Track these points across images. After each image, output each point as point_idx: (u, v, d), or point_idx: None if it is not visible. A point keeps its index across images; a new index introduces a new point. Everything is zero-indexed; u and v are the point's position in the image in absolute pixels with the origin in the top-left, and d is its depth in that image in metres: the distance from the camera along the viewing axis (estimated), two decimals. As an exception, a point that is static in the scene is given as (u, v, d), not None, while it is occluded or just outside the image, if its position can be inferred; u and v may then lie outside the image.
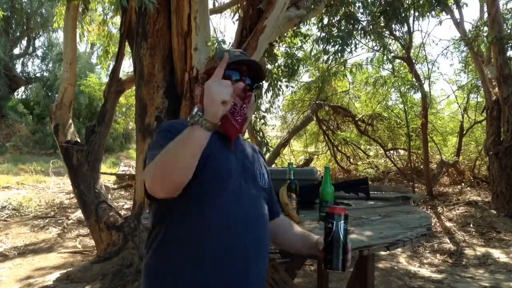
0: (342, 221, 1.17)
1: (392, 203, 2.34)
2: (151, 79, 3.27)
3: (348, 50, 3.66)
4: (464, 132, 7.76)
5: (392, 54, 6.55)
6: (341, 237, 1.17)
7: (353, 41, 3.82)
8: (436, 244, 4.61)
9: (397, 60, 7.30)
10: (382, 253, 4.12)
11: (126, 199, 7.00)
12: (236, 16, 4.62)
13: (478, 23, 6.52)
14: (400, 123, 8.27)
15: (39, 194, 7.32)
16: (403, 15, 4.28)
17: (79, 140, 4.23)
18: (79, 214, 5.46)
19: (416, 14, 5.34)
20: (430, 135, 7.72)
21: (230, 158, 1.18)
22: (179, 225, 1.10)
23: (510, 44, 5.54)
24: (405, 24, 5.55)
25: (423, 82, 6.87)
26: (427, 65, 7.64)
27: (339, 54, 3.65)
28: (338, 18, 4.09)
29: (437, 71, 14.72)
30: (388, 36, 6.19)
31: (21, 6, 16.16)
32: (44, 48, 17.78)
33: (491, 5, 5.69)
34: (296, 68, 4.70)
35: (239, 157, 1.22)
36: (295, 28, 4.16)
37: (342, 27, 3.95)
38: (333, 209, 1.18)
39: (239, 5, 4.68)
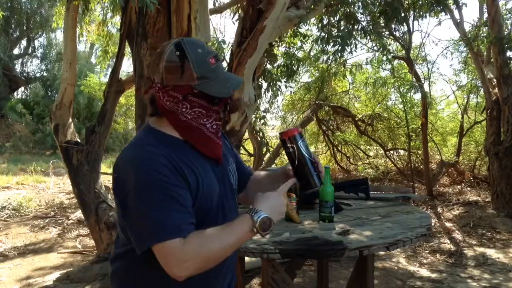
0: (300, 140, 1.16)
1: (392, 203, 2.34)
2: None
3: (348, 50, 3.66)
4: (464, 132, 7.76)
5: (392, 54, 6.55)
6: (306, 155, 1.15)
7: (353, 41, 3.82)
8: (436, 244, 4.61)
9: (397, 60, 7.30)
10: (382, 253, 4.12)
11: (126, 199, 6.97)
12: (236, 16, 4.62)
13: (478, 24, 6.51)
14: (400, 123, 8.27)
15: (39, 194, 7.31)
16: (403, 15, 4.28)
17: (79, 140, 4.23)
18: (79, 214, 5.46)
19: (416, 14, 5.34)
20: (430, 135, 7.72)
21: (215, 179, 1.13)
22: None
23: (510, 44, 5.54)
24: (405, 24, 5.55)
25: (423, 82, 6.87)
26: (427, 65, 7.65)
27: (339, 54, 3.65)
28: (337, 18, 4.09)
29: (437, 71, 14.73)
30: (387, 36, 6.19)
31: (21, 6, 16.15)
32: (44, 48, 17.79)
33: (490, 6, 5.69)
34: (295, 68, 4.70)
35: (214, 165, 1.16)
36: (294, 28, 4.16)
37: (342, 27, 3.95)
38: (287, 133, 1.16)
39: (239, 5, 4.68)
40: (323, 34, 3.85)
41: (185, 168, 1.03)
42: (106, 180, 8.00)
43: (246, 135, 6.03)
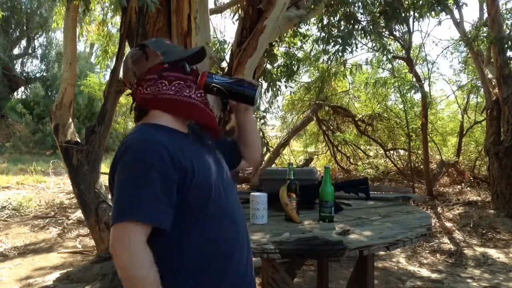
0: (213, 77, 1.21)
1: (392, 203, 2.34)
2: (151, 79, 3.26)
3: (349, 50, 3.66)
4: (464, 132, 7.76)
5: (392, 54, 6.54)
6: (226, 81, 1.22)
7: (354, 41, 3.82)
8: (436, 244, 4.61)
9: (397, 60, 7.30)
10: (382, 253, 4.12)
11: (126, 199, 6.97)
12: (236, 16, 4.62)
13: (478, 24, 6.51)
14: (400, 123, 8.27)
15: (39, 194, 7.31)
16: (403, 15, 4.27)
17: (79, 140, 4.22)
18: (79, 214, 5.46)
19: (416, 14, 5.33)
20: (430, 135, 7.72)
21: (211, 164, 1.14)
22: (180, 241, 1.07)
23: (510, 44, 5.53)
24: (405, 24, 5.55)
25: (423, 82, 6.87)
26: (427, 65, 7.65)
27: (340, 54, 3.64)
28: (337, 18, 4.09)
29: (437, 71, 14.74)
30: (387, 36, 6.19)
31: (20, 6, 16.16)
32: (44, 48, 17.79)
33: (491, 5, 5.69)
34: (295, 68, 4.69)
35: (212, 152, 1.20)
36: (295, 28, 4.16)
37: (342, 27, 3.95)
38: (200, 83, 1.19)
39: (239, 5, 4.68)
40: (323, 34, 3.85)
41: (180, 155, 1.04)
42: (106, 180, 8.01)
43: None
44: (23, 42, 17.81)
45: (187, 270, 1.05)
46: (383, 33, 5.27)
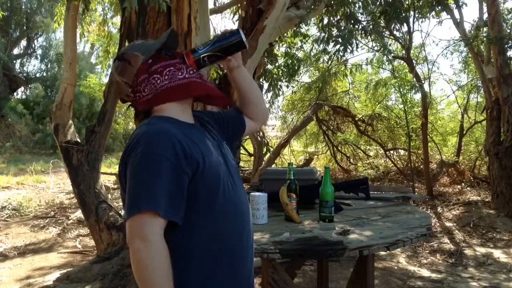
0: (197, 50, 1.20)
1: (392, 203, 2.34)
2: (151, 79, 3.26)
3: (350, 49, 3.66)
4: (464, 132, 7.76)
5: (392, 54, 6.55)
6: (211, 44, 1.21)
7: (355, 41, 3.82)
8: (436, 244, 4.61)
9: (397, 60, 7.30)
10: (382, 253, 4.12)
11: (126, 199, 6.96)
12: (236, 16, 4.62)
13: (478, 24, 6.51)
14: (400, 123, 8.27)
15: (39, 194, 7.31)
16: (404, 15, 4.28)
17: (79, 140, 4.22)
18: (79, 214, 5.46)
19: (417, 14, 5.34)
20: (430, 135, 7.72)
21: (219, 156, 1.15)
22: (189, 234, 1.06)
23: (510, 44, 5.53)
24: (405, 24, 5.55)
25: (423, 82, 6.87)
26: (427, 65, 7.65)
27: (341, 54, 3.65)
28: (338, 18, 4.09)
29: (437, 71, 14.74)
30: (388, 36, 6.19)
31: (20, 6, 16.16)
32: (44, 48, 17.79)
33: (491, 5, 5.69)
34: (296, 68, 4.70)
35: (219, 143, 1.20)
36: (295, 28, 4.16)
37: (342, 27, 3.96)
38: (190, 60, 1.18)
39: (239, 5, 4.68)
40: (323, 34, 3.85)
41: (191, 146, 1.05)
42: (106, 180, 8.01)
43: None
44: (23, 42, 17.85)
45: (194, 265, 1.05)
46: (383, 33, 5.27)
